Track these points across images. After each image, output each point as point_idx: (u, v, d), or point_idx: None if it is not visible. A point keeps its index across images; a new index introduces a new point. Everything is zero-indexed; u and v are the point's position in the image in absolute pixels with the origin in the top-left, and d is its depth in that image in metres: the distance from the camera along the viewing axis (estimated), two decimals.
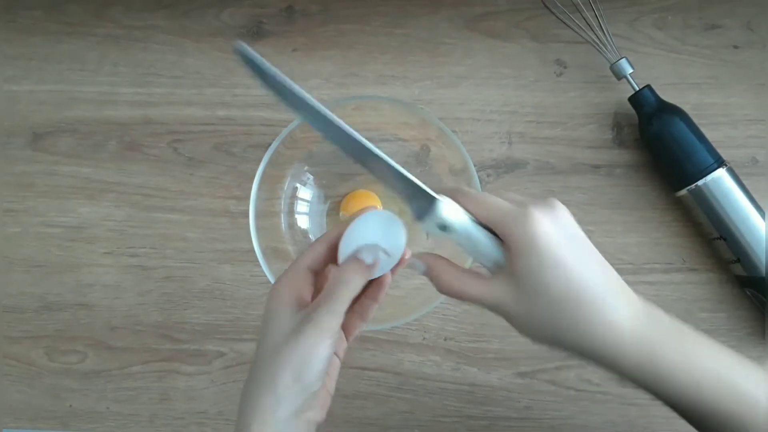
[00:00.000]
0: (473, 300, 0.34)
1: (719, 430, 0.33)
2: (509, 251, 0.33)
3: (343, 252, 0.36)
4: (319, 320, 0.33)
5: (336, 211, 0.54)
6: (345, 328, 0.38)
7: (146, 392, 0.54)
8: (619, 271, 0.52)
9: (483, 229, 0.34)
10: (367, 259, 0.35)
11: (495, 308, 0.33)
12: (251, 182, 0.47)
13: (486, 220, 0.34)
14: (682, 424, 0.54)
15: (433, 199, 0.34)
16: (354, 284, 0.34)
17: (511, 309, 0.33)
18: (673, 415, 0.54)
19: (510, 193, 0.35)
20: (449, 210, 0.34)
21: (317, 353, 0.32)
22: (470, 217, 0.34)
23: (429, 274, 0.36)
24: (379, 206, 0.52)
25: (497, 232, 0.33)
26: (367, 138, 0.53)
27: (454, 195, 0.35)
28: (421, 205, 0.34)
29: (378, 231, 0.36)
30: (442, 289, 0.35)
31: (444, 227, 0.34)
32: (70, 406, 0.54)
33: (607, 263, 0.34)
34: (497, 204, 0.33)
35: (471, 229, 0.34)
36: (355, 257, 0.35)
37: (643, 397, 0.53)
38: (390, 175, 0.34)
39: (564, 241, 0.32)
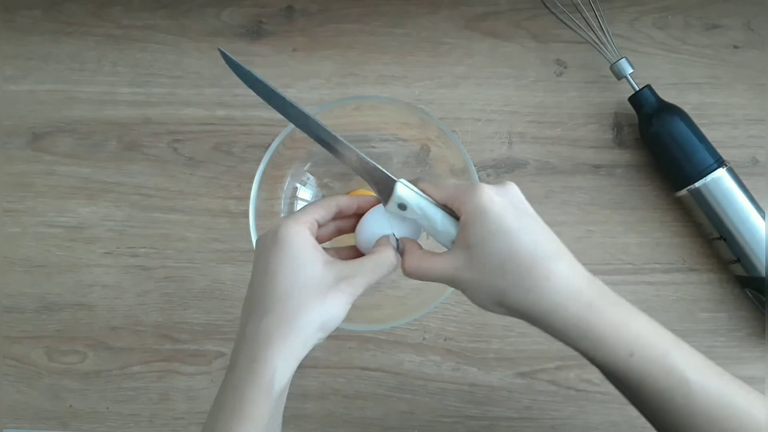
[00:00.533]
0: (433, 275, 0.36)
1: (648, 402, 0.34)
2: (461, 225, 0.35)
3: (367, 234, 0.40)
4: (356, 289, 0.36)
5: None
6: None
7: (146, 392, 0.54)
8: (620, 271, 0.53)
9: (439, 208, 0.37)
10: (394, 243, 0.40)
11: (451, 281, 0.36)
12: (251, 182, 0.47)
13: (442, 199, 0.37)
14: None
15: (392, 181, 0.38)
16: (391, 268, 0.38)
17: (463, 277, 0.35)
18: None
19: (461, 180, 0.38)
20: (406, 190, 0.38)
21: (344, 312, 0.36)
22: (427, 199, 0.37)
23: (401, 255, 0.39)
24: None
25: (452, 207, 0.36)
26: (367, 138, 0.53)
27: (416, 182, 0.38)
28: (384, 187, 0.38)
29: (379, 221, 0.40)
30: (407, 270, 0.37)
31: (403, 206, 0.38)
32: (70, 406, 0.54)
33: (551, 232, 0.35)
34: (452, 183, 0.37)
35: (425, 206, 0.37)
36: (389, 242, 0.39)
37: None
38: (356, 162, 0.39)
39: (510, 211, 0.34)
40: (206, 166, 0.55)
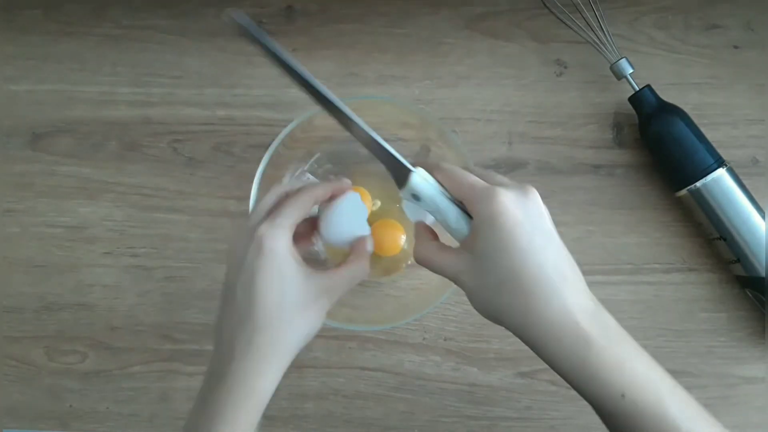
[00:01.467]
0: (438, 269, 0.36)
1: None
2: (472, 227, 0.35)
3: (340, 229, 0.39)
4: (333, 300, 0.37)
5: None
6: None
7: (146, 392, 0.54)
8: (620, 271, 0.53)
9: (453, 203, 0.36)
10: (370, 248, 0.40)
11: (454, 278, 0.35)
12: (251, 182, 0.47)
13: (457, 195, 0.36)
14: None
15: (408, 171, 0.37)
16: (364, 278, 0.38)
17: (466, 281, 0.34)
18: None
19: (493, 172, 0.37)
20: (421, 181, 0.37)
21: (322, 322, 0.37)
22: (442, 191, 0.36)
23: (415, 239, 0.38)
24: (369, 201, 0.52)
25: (466, 207, 0.35)
26: None
27: (432, 169, 0.37)
28: (399, 175, 0.37)
29: (353, 213, 0.40)
30: (416, 257, 0.37)
31: (416, 197, 0.37)
32: (70, 406, 0.54)
33: (566, 254, 0.34)
34: (469, 181, 0.35)
35: (439, 201, 0.36)
36: (366, 248, 0.39)
37: None
38: (373, 146, 0.37)
39: (523, 227, 0.33)
40: (206, 166, 0.55)
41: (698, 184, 0.49)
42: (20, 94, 0.56)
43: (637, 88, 0.51)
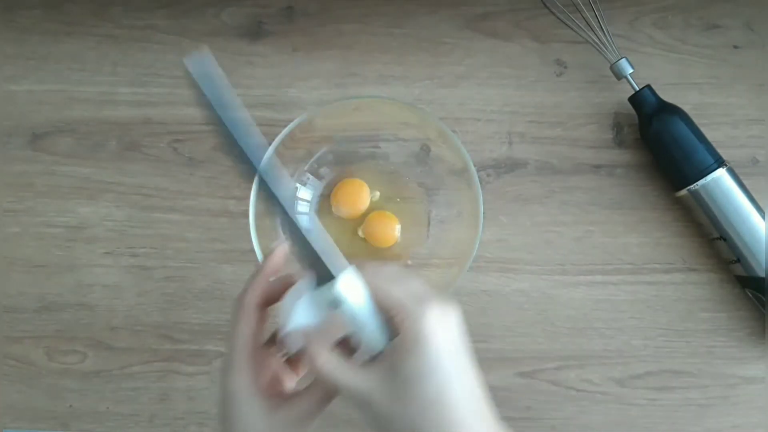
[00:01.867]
0: (342, 387, 0.33)
1: None
2: (395, 345, 0.32)
3: (292, 340, 0.35)
4: (311, 425, 0.35)
5: (327, 209, 0.53)
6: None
7: (146, 392, 0.54)
8: (620, 271, 0.53)
9: (374, 316, 0.33)
10: (323, 363, 0.34)
11: (360, 400, 0.32)
12: (251, 182, 0.47)
13: (383, 307, 0.33)
14: (682, 425, 0.54)
15: (332, 276, 0.33)
16: (336, 397, 0.35)
17: (376, 402, 0.32)
18: (674, 415, 0.54)
19: (415, 282, 0.34)
20: (344, 290, 0.33)
21: None
22: (366, 300, 0.33)
23: (308, 345, 0.34)
24: (368, 193, 0.52)
25: (392, 322, 0.33)
26: (367, 138, 0.53)
27: (362, 268, 0.34)
28: (321, 275, 0.34)
29: (307, 309, 0.35)
30: (318, 372, 0.33)
31: (335, 303, 0.33)
32: (70, 406, 0.54)
33: (477, 382, 0.33)
34: (396, 295, 0.33)
35: (360, 311, 0.33)
36: (318, 364, 0.34)
37: (643, 397, 0.54)
38: (296, 239, 0.34)
39: (449, 351, 0.32)
40: (206, 166, 0.55)
41: (698, 184, 0.49)
42: (20, 94, 0.56)
43: (637, 88, 0.51)
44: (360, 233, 0.53)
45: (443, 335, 0.32)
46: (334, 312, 0.34)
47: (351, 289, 0.33)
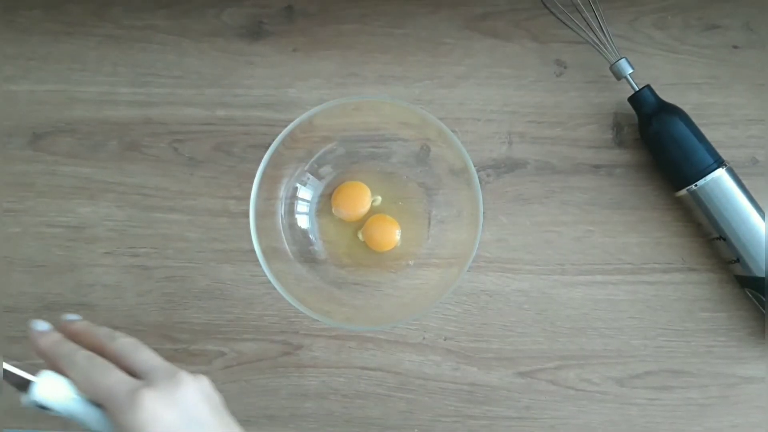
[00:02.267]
0: None
1: None
2: None
3: None
4: None
5: (327, 209, 0.53)
6: None
7: None
8: (620, 271, 0.53)
9: (93, 405, 0.32)
10: None
11: None
12: (251, 182, 0.47)
13: (96, 401, 0.31)
14: (682, 425, 0.54)
15: (28, 381, 0.31)
16: None
17: None
18: (674, 414, 0.54)
19: (143, 354, 0.32)
20: (47, 392, 0.31)
21: None
22: (77, 394, 0.32)
23: None
24: (369, 196, 0.53)
25: (109, 417, 0.31)
26: (366, 138, 0.53)
27: (61, 365, 0.32)
28: (19, 383, 0.32)
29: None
30: None
31: (43, 407, 0.31)
32: None
33: None
34: (106, 384, 0.31)
35: (74, 408, 0.31)
36: None
37: (642, 397, 0.54)
38: None
39: (181, 427, 0.30)
40: (206, 166, 0.55)
41: (698, 184, 0.49)
42: (20, 94, 0.56)
43: (637, 88, 0.51)
44: (360, 236, 0.53)
45: (167, 418, 0.30)
46: (47, 413, 0.32)
47: (52, 391, 0.31)
